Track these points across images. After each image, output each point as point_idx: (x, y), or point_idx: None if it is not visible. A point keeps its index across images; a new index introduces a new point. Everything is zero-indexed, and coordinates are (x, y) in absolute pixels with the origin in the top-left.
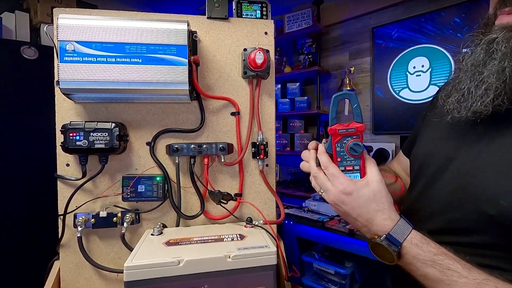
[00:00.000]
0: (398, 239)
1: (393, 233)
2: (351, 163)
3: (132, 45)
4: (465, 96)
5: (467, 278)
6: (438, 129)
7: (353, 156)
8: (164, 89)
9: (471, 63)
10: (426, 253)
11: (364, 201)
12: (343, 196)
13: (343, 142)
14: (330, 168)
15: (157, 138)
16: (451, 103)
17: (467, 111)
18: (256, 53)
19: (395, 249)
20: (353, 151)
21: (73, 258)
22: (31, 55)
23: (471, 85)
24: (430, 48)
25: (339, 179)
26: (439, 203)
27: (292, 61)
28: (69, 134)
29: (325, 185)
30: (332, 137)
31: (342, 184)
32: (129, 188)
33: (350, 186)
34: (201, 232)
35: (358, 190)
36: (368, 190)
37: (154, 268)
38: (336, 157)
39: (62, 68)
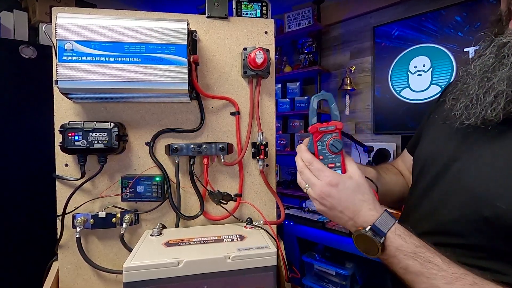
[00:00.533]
0: (382, 230)
1: (377, 224)
2: (332, 160)
3: (131, 45)
4: (474, 102)
5: (446, 272)
6: (441, 130)
7: (334, 153)
8: (163, 89)
9: (479, 67)
10: (408, 244)
11: (350, 192)
12: (329, 188)
13: (324, 140)
14: (315, 163)
15: (156, 138)
16: (459, 108)
17: (476, 118)
18: (256, 52)
19: (380, 240)
20: (334, 148)
21: (72, 259)
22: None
23: (480, 92)
24: (431, 47)
25: (324, 172)
26: (439, 204)
27: (292, 60)
28: (68, 134)
29: (310, 180)
30: (313, 135)
31: (328, 177)
32: (128, 189)
33: (336, 178)
34: (201, 232)
35: (343, 182)
36: (352, 182)
37: (154, 269)
38: (318, 155)
39: (60, 68)
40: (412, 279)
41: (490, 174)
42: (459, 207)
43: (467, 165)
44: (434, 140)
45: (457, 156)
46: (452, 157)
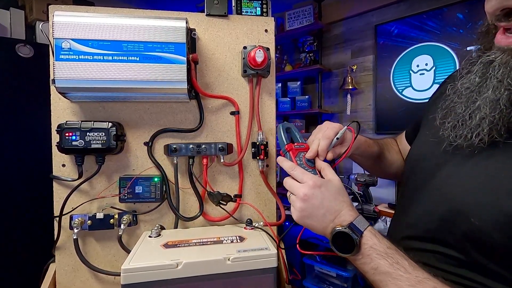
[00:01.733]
0: (360, 228)
1: (356, 223)
2: (312, 172)
3: (130, 43)
4: (460, 124)
5: (410, 274)
6: (433, 130)
7: (310, 167)
8: (162, 88)
9: (466, 85)
10: (381, 244)
11: (333, 193)
12: (313, 189)
13: (300, 157)
14: (297, 168)
15: (155, 138)
16: (447, 128)
17: (463, 140)
18: (256, 51)
19: (357, 237)
20: (310, 163)
21: (69, 260)
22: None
23: (466, 113)
24: (434, 46)
25: (307, 175)
26: (425, 211)
27: (293, 59)
28: (65, 134)
29: (294, 185)
30: (291, 153)
31: (311, 179)
32: (126, 189)
33: (319, 180)
34: (200, 234)
35: (326, 184)
36: (333, 184)
37: (152, 271)
38: None
39: (58, 67)
40: (381, 279)
41: (469, 188)
42: (441, 217)
43: (450, 175)
44: (425, 141)
45: (444, 161)
46: (440, 162)
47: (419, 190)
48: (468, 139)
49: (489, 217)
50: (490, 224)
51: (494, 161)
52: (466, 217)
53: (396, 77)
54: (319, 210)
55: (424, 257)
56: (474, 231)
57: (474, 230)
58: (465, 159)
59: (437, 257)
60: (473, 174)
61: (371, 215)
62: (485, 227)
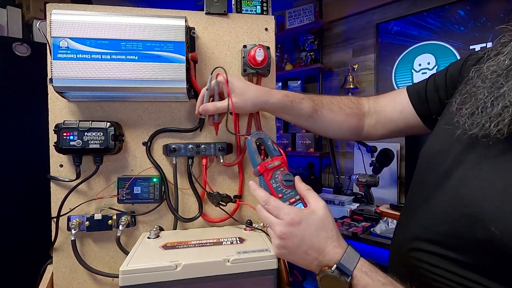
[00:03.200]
0: (349, 268)
1: (343, 262)
2: (290, 194)
3: (128, 42)
4: (480, 111)
5: None
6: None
7: (289, 188)
8: (161, 87)
9: (493, 68)
10: (375, 282)
11: (314, 230)
12: (291, 227)
13: (276, 177)
14: (271, 201)
15: (153, 138)
16: (463, 115)
17: (479, 129)
18: (256, 50)
19: (347, 280)
20: (288, 182)
21: (67, 262)
22: (23, 52)
23: (488, 99)
24: (436, 44)
25: (283, 209)
26: (438, 213)
27: (294, 58)
28: (63, 133)
29: (269, 219)
30: (264, 175)
31: (288, 215)
32: (124, 190)
33: (298, 214)
34: (199, 235)
35: (307, 219)
36: (316, 217)
37: (151, 272)
38: (276, 193)
39: (55, 66)
40: None
41: (487, 193)
42: (455, 221)
43: (467, 176)
44: (440, 139)
45: (461, 160)
46: (457, 160)
47: (433, 190)
48: (486, 128)
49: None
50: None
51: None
52: (485, 224)
53: (398, 76)
54: (300, 248)
55: (433, 260)
56: (493, 241)
57: (494, 240)
58: (482, 156)
59: (447, 261)
60: (492, 176)
61: (372, 216)
62: (507, 239)
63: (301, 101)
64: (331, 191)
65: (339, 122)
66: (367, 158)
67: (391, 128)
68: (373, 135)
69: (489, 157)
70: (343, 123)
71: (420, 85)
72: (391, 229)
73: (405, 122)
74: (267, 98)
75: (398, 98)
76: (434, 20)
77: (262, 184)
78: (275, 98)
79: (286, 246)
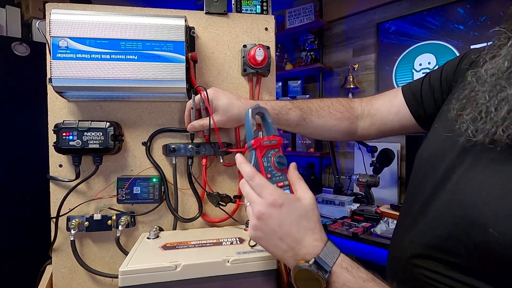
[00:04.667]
0: (328, 263)
1: (322, 256)
2: (280, 178)
3: (128, 42)
4: (483, 116)
5: None
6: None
7: (281, 171)
8: (160, 87)
9: (491, 71)
10: (356, 279)
11: (295, 217)
12: (271, 208)
13: (268, 156)
14: (257, 177)
15: (153, 138)
16: (465, 121)
17: (484, 135)
18: (256, 49)
19: (325, 275)
20: (280, 165)
21: (66, 262)
22: (22, 51)
23: (491, 103)
24: (436, 44)
25: (267, 189)
26: (436, 216)
27: (294, 58)
28: (62, 133)
29: (250, 196)
30: (257, 151)
31: (271, 195)
32: (124, 190)
33: (281, 197)
34: (199, 235)
35: (290, 204)
36: (300, 205)
37: (150, 273)
38: (265, 173)
39: (54, 65)
40: None
41: (485, 196)
42: (453, 225)
43: (464, 179)
44: (437, 139)
45: (457, 165)
46: (454, 163)
47: (431, 194)
48: (493, 134)
49: (510, 229)
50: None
51: None
52: (483, 227)
53: (398, 76)
54: (275, 233)
55: (432, 265)
56: (492, 244)
57: (492, 243)
58: (479, 159)
59: (447, 266)
60: (490, 178)
61: (373, 216)
62: (505, 240)
63: (288, 112)
64: (331, 191)
65: (329, 127)
66: (367, 158)
67: (385, 129)
68: (367, 136)
69: (486, 160)
70: (333, 127)
71: (415, 85)
72: (392, 230)
73: (400, 123)
74: None
75: (394, 101)
76: (435, 20)
77: (252, 160)
78: None
79: (262, 229)
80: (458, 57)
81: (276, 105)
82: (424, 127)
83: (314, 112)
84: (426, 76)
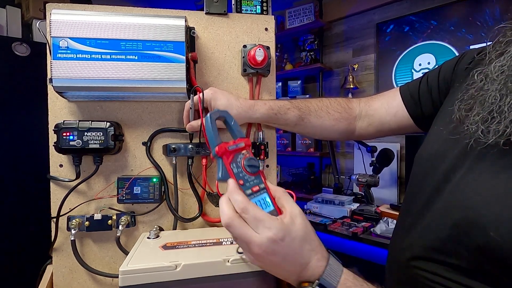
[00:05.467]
0: (332, 283)
1: (326, 277)
2: (254, 182)
3: (128, 42)
4: (495, 116)
5: None
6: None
7: (253, 174)
8: (160, 87)
9: (500, 69)
10: None
11: (297, 244)
12: (273, 245)
13: (238, 161)
14: (251, 209)
15: (153, 138)
16: (474, 122)
17: (497, 136)
18: (256, 50)
19: None
20: (253, 168)
21: (67, 262)
22: (22, 51)
23: (503, 102)
24: (436, 44)
25: (264, 222)
26: (437, 218)
27: (294, 58)
28: (62, 133)
29: (247, 236)
30: (223, 158)
31: (270, 230)
32: (124, 190)
33: (281, 229)
34: (199, 235)
35: (289, 233)
36: (298, 228)
37: (151, 272)
38: (237, 180)
39: (55, 65)
40: None
41: (486, 198)
42: (454, 227)
43: (465, 180)
44: (440, 140)
45: (457, 166)
46: (455, 164)
47: (431, 195)
48: (508, 134)
49: (510, 232)
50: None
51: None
52: (484, 230)
53: (398, 76)
54: (281, 265)
55: (431, 267)
56: (493, 246)
57: (493, 245)
58: (480, 160)
59: (447, 268)
60: (491, 180)
61: (372, 216)
62: (506, 243)
63: (287, 112)
64: (331, 191)
65: (327, 127)
66: (367, 158)
67: (383, 130)
68: (364, 136)
69: (487, 161)
70: (331, 127)
71: (413, 86)
72: (391, 229)
73: (398, 124)
74: (250, 114)
75: (392, 102)
76: (434, 20)
77: (220, 169)
78: (259, 113)
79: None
80: (456, 57)
81: (275, 105)
82: (422, 127)
83: (313, 112)
84: (424, 77)
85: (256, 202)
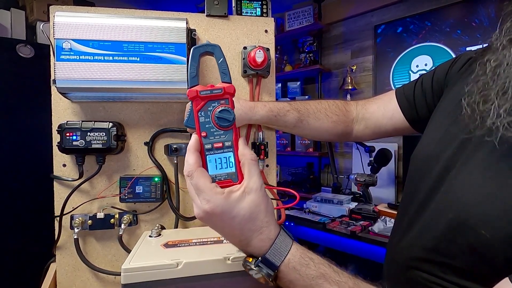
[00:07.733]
0: (275, 263)
1: (269, 256)
2: (220, 138)
3: (130, 43)
4: None
5: None
6: (441, 126)
7: (223, 129)
8: (162, 88)
9: None
10: (303, 277)
11: (238, 222)
12: (210, 217)
13: (208, 110)
14: (195, 176)
15: (155, 138)
16: (499, 115)
17: None
18: (256, 51)
19: (271, 273)
20: (223, 121)
21: (70, 260)
22: (27, 53)
23: None
24: (433, 46)
25: (204, 194)
26: (432, 218)
27: (293, 59)
28: (66, 134)
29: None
30: (193, 102)
31: (208, 202)
32: (126, 189)
33: (219, 206)
34: (200, 234)
35: (229, 210)
36: (243, 206)
37: (152, 270)
38: (200, 130)
39: (58, 67)
40: None
41: (477, 196)
42: (447, 227)
43: (458, 178)
44: (433, 139)
45: (451, 166)
46: (449, 164)
47: (427, 195)
48: None
49: (500, 230)
50: (502, 238)
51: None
52: (475, 229)
53: (395, 77)
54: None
55: (428, 267)
56: (484, 245)
57: (485, 244)
58: (471, 158)
59: (442, 268)
60: (482, 178)
61: (371, 215)
62: (497, 241)
63: (286, 114)
64: (330, 191)
65: (325, 129)
66: (365, 158)
67: (379, 132)
68: (361, 138)
69: (478, 159)
70: (329, 130)
71: (408, 89)
72: (389, 228)
73: (394, 126)
74: (250, 116)
75: (388, 105)
76: (431, 22)
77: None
78: (259, 115)
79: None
80: (450, 60)
81: (274, 107)
82: (418, 129)
83: (311, 115)
84: (418, 79)
85: (215, 159)
